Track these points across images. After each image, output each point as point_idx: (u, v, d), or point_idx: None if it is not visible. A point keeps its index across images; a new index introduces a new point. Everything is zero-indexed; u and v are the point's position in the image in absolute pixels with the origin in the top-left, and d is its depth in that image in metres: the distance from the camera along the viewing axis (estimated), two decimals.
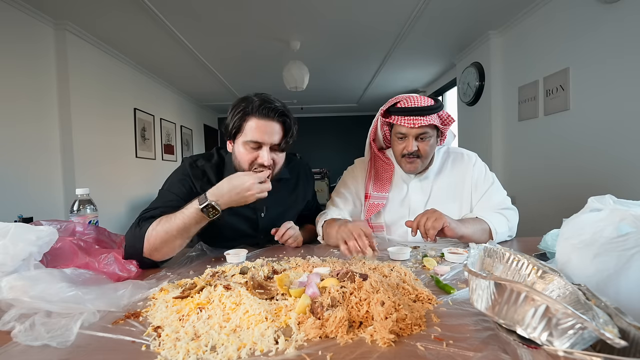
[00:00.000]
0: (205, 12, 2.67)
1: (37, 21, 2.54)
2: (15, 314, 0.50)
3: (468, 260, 0.50)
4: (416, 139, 1.07)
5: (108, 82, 3.37)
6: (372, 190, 1.21)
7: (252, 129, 0.92)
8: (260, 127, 0.92)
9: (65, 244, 0.73)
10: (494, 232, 1.03)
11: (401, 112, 1.06)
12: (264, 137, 0.92)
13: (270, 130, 0.93)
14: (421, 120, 1.03)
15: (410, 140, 1.07)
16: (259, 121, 0.92)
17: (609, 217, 0.49)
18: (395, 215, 1.18)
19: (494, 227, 1.03)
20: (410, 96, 1.09)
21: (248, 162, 0.95)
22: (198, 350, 0.43)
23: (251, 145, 0.93)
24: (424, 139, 1.07)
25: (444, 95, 4.91)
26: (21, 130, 2.43)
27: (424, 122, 1.03)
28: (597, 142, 2.19)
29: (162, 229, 0.83)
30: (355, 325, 0.48)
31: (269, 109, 0.92)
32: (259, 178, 0.86)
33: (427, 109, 1.04)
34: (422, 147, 1.08)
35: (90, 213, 0.98)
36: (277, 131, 0.95)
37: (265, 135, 0.92)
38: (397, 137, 1.11)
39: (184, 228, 0.82)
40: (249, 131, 0.92)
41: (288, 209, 1.16)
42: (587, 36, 2.20)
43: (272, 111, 0.93)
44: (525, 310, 0.38)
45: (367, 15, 2.81)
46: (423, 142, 1.08)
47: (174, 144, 4.95)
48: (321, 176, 6.64)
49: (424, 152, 1.09)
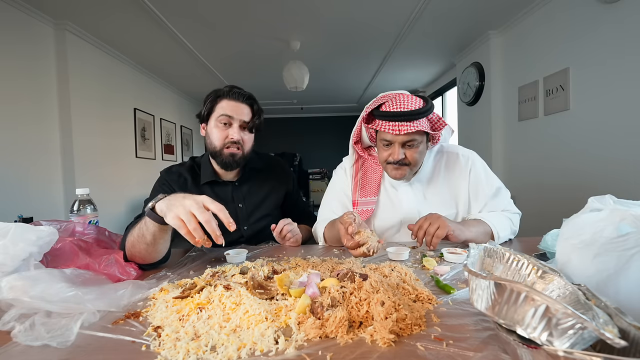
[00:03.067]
0: (206, 12, 2.67)
1: (37, 21, 2.54)
2: (15, 314, 0.50)
3: (468, 260, 0.50)
4: (403, 146, 0.95)
5: (108, 82, 3.37)
6: (359, 196, 1.11)
7: (223, 107, 1.05)
8: (230, 106, 1.05)
9: (65, 244, 0.73)
10: (497, 236, 0.99)
11: (385, 116, 0.92)
12: (234, 113, 1.05)
13: (239, 110, 1.06)
14: (408, 126, 0.90)
15: (397, 148, 0.95)
16: (229, 102, 1.06)
17: (609, 217, 0.49)
18: (387, 223, 1.10)
19: (496, 230, 0.99)
20: (397, 96, 0.95)
21: (221, 139, 1.05)
22: (198, 350, 0.43)
23: (222, 121, 1.05)
24: (411, 146, 0.95)
25: (444, 95, 4.91)
26: (21, 130, 2.43)
27: (410, 129, 0.90)
28: (597, 142, 2.19)
29: (131, 234, 0.78)
30: (355, 325, 0.48)
31: (238, 93, 1.07)
32: (205, 222, 0.69)
33: (415, 113, 0.90)
34: (409, 155, 0.96)
35: (90, 213, 0.98)
36: (246, 112, 1.07)
37: (234, 112, 1.05)
38: (382, 143, 0.98)
39: (141, 234, 0.76)
40: (220, 109, 1.05)
41: (265, 197, 1.21)
42: (587, 36, 2.20)
43: (241, 95, 1.07)
44: (525, 310, 0.38)
45: (367, 15, 2.81)
46: (411, 150, 0.96)
47: (174, 144, 4.95)
48: (321, 176, 6.64)
49: (412, 160, 0.97)
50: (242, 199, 1.16)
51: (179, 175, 1.13)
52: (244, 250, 0.91)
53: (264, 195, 1.20)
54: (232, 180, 1.17)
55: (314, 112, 7.28)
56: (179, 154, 5.12)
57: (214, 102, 1.06)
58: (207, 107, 1.07)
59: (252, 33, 3.11)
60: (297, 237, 1.07)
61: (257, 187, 1.20)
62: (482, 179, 1.08)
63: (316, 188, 6.69)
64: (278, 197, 1.24)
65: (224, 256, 0.90)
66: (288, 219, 1.08)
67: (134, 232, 0.77)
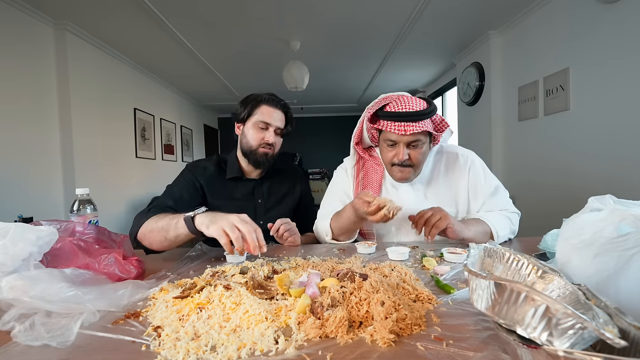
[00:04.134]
0: (206, 12, 2.67)
1: (37, 21, 2.54)
2: (15, 314, 0.50)
3: (468, 260, 0.50)
4: (407, 146, 0.98)
5: (108, 82, 3.37)
6: None
7: (263, 112, 1.15)
8: (269, 112, 1.16)
9: (65, 244, 0.73)
10: (496, 236, 1.00)
11: (390, 117, 0.95)
12: (272, 120, 1.15)
13: (276, 116, 1.16)
14: (413, 127, 0.93)
15: (401, 148, 0.97)
16: (268, 107, 1.16)
17: (609, 217, 0.49)
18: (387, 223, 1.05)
19: (495, 230, 1.00)
20: (401, 97, 0.98)
21: (257, 140, 1.15)
22: (198, 350, 0.43)
23: (260, 126, 1.15)
24: (416, 146, 0.98)
25: (444, 95, 4.91)
26: (21, 130, 2.43)
27: (416, 129, 0.93)
28: (597, 142, 2.19)
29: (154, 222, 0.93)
30: (355, 325, 0.48)
31: (276, 101, 1.18)
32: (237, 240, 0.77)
33: (420, 113, 0.93)
34: (413, 155, 0.99)
35: (90, 213, 0.98)
36: (280, 118, 1.18)
37: (272, 119, 1.16)
38: (387, 143, 1.01)
39: (165, 228, 0.89)
40: (260, 115, 1.15)
41: (283, 197, 1.28)
42: (587, 36, 2.20)
43: (279, 103, 1.18)
44: (525, 310, 0.38)
45: (367, 15, 2.81)
46: (415, 150, 0.98)
47: (174, 144, 4.95)
48: (321, 176, 6.63)
49: (415, 161, 1.00)
50: (262, 196, 1.24)
51: (205, 168, 1.21)
52: None
53: (282, 195, 1.28)
54: (255, 178, 1.25)
55: (314, 112, 7.28)
56: (179, 154, 5.12)
57: (254, 106, 1.16)
58: (247, 110, 1.16)
59: (252, 33, 3.11)
60: (295, 236, 1.07)
61: (277, 187, 1.28)
62: (481, 178, 1.09)
63: (316, 188, 6.69)
64: (294, 199, 1.31)
65: (223, 256, 0.90)
66: (286, 219, 1.08)
67: (159, 222, 0.90)
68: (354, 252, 0.96)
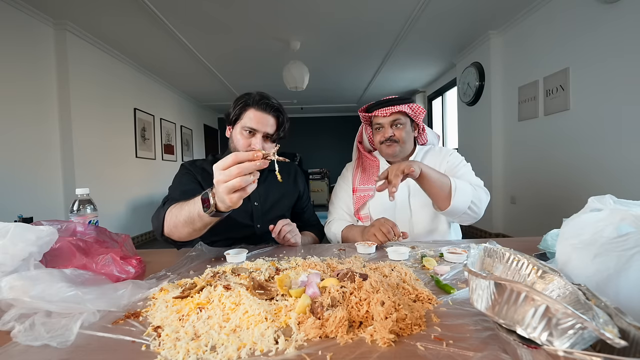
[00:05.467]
0: (206, 12, 2.67)
1: (37, 21, 2.54)
2: (15, 314, 0.50)
3: (468, 260, 0.50)
4: (391, 126, 1.24)
5: (108, 82, 3.37)
6: (359, 184, 1.35)
7: (250, 118, 1.06)
8: (256, 117, 1.06)
9: (63, 244, 0.73)
10: (454, 187, 1.06)
11: (376, 105, 1.26)
12: (259, 126, 1.06)
13: (265, 122, 1.07)
14: (392, 108, 1.22)
15: (387, 128, 1.25)
16: (256, 112, 1.07)
17: (609, 217, 0.49)
18: (380, 207, 1.29)
19: (455, 183, 1.07)
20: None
21: (243, 147, 1.08)
22: (198, 350, 0.43)
23: (247, 131, 1.07)
24: (397, 126, 1.24)
25: (444, 95, 4.91)
26: (22, 131, 2.43)
27: (394, 110, 1.22)
28: (597, 142, 2.19)
29: (174, 214, 0.87)
30: (355, 325, 0.48)
31: (266, 104, 1.07)
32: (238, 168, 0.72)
33: (397, 99, 1.24)
34: (397, 133, 1.24)
35: (90, 213, 0.98)
36: (270, 123, 1.08)
37: (259, 125, 1.06)
38: (376, 128, 1.28)
39: (190, 221, 0.82)
40: (247, 119, 1.07)
41: (280, 198, 1.25)
42: (587, 36, 2.20)
43: (269, 106, 1.07)
44: (525, 310, 0.38)
45: (367, 15, 2.81)
46: (398, 129, 1.25)
47: (174, 144, 4.95)
48: (321, 176, 6.63)
49: (399, 137, 1.24)
50: (258, 198, 1.20)
51: (202, 169, 1.18)
52: (244, 250, 0.91)
53: (279, 196, 1.25)
54: None
55: (314, 112, 7.28)
56: (179, 153, 5.12)
57: (242, 109, 1.08)
58: (235, 112, 1.09)
59: (252, 33, 3.11)
60: (295, 238, 1.07)
61: (274, 188, 1.24)
62: (458, 160, 1.27)
63: (316, 188, 6.69)
64: (291, 200, 1.29)
65: (223, 256, 0.90)
66: (287, 220, 1.08)
67: (180, 217, 0.84)
68: (354, 252, 0.96)
